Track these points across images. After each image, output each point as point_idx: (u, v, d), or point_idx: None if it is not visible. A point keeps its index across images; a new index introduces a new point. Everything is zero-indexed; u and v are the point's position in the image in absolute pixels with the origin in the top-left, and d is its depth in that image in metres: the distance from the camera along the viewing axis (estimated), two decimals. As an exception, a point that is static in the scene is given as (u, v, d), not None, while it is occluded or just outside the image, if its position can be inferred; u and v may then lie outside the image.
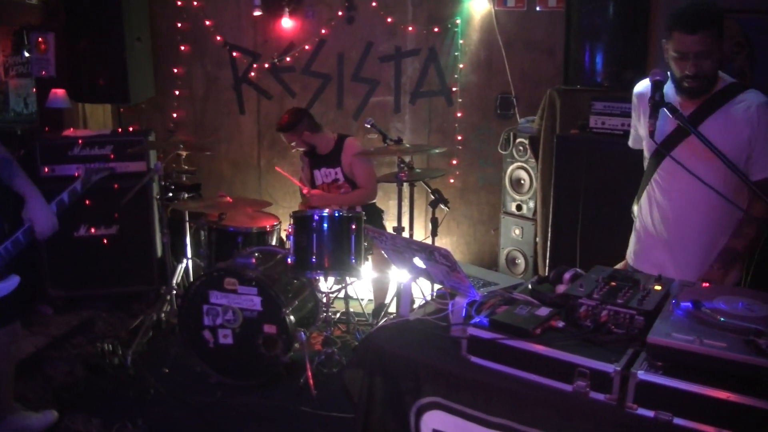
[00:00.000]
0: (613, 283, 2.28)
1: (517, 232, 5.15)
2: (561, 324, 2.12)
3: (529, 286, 2.48)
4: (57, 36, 5.54)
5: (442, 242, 5.72)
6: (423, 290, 3.71)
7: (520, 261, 5.14)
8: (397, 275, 4.48)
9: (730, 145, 2.59)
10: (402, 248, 2.38)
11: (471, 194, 5.86)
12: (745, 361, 1.71)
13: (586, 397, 1.88)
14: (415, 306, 2.55)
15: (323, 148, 5.07)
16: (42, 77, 5.56)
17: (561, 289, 2.42)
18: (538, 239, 4.89)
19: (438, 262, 2.22)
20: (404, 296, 2.46)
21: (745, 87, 2.73)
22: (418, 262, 2.33)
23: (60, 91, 5.49)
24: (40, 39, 5.53)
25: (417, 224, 4.71)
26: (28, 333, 4.36)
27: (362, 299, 5.11)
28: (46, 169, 4.99)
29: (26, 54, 5.56)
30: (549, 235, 4.47)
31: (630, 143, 3.20)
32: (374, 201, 5.09)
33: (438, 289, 2.47)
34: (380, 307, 4.81)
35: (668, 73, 2.72)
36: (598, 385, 1.86)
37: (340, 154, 5.05)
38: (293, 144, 5.08)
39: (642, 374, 1.79)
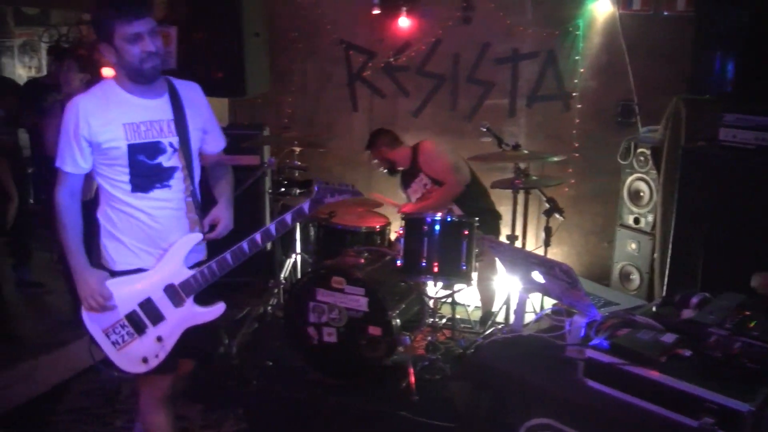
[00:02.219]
0: (747, 312, 2.13)
1: (633, 246, 4.93)
2: (687, 353, 1.99)
3: (653, 309, 2.36)
4: (179, 29, 5.69)
5: (553, 252, 5.53)
6: (536, 304, 3.60)
7: (635, 277, 4.92)
8: (507, 285, 4.39)
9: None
10: (520, 260, 2.29)
11: (584, 204, 5.67)
12: None
13: (713, 435, 1.75)
14: (528, 321, 2.46)
15: (403, 163, 5.08)
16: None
17: (687, 314, 2.28)
18: (655, 255, 4.66)
19: (557, 277, 2.13)
20: (518, 310, 2.37)
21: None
22: (537, 276, 2.24)
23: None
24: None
25: (529, 232, 4.58)
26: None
27: (468, 305, 5.01)
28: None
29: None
30: (669, 253, 4.25)
31: None
32: (492, 205, 4.99)
33: (554, 305, 2.36)
34: (487, 315, 4.71)
35: None
36: (728, 424, 1.74)
37: (417, 161, 5.00)
38: (375, 162, 5.16)
39: (781, 417, 1.66)
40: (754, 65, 4.13)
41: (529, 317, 2.61)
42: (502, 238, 4.61)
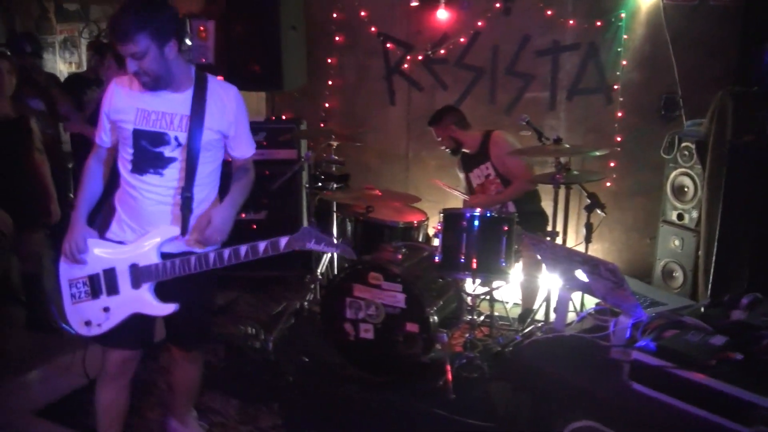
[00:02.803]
0: (802, 315, 2.05)
1: (677, 243, 4.81)
2: (738, 356, 1.92)
3: (702, 309, 2.28)
4: (216, 23, 5.70)
5: (593, 248, 5.43)
6: (578, 304, 3.51)
7: (678, 274, 4.80)
8: (548, 283, 4.31)
9: None
10: (562, 258, 2.23)
11: (626, 199, 5.55)
12: None
13: (766, 442, 1.68)
14: (571, 320, 2.39)
15: (470, 146, 5.00)
16: (201, 64, 5.73)
17: (737, 315, 2.20)
18: (700, 253, 4.54)
19: (602, 276, 2.07)
20: (560, 309, 2.31)
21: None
22: (581, 275, 2.18)
23: (218, 78, 5.64)
24: (201, 27, 5.71)
25: (570, 229, 4.49)
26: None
27: (507, 302, 4.93)
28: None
29: (188, 42, 5.76)
30: (715, 250, 4.14)
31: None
32: (540, 205, 4.94)
33: (597, 304, 2.30)
34: (527, 313, 4.63)
35: None
36: (782, 431, 1.66)
37: (487, 148, 4.94)
38: (440, 140, 5.07)
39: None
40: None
41: (570, 317, 2.54)
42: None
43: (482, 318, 4.54)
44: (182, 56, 2.73)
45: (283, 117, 5.89)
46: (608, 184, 5.50)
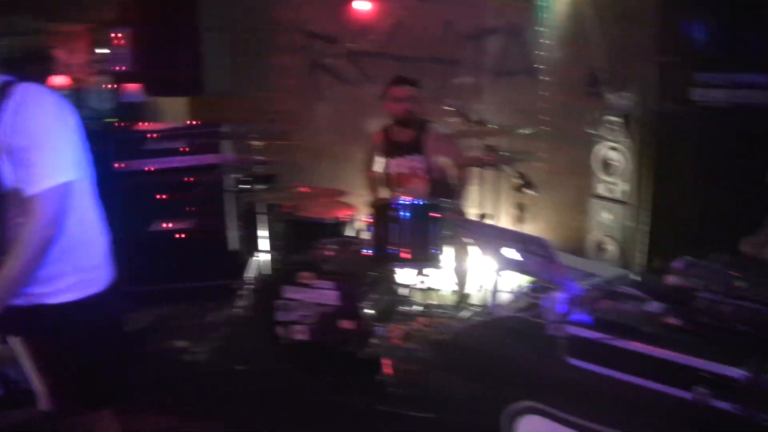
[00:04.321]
0: (736, 273, 1.99)
1: (608, 216, 4.82)
2: (675, 321, 1.85)
3: (636, 277, 2.22)
4: (132, 30, 5.50)
5: (527, 228, 5.40)
6: (513, 283, 3.43)
7: (611, 247, 4.80)
8: (482, 265, 4.24)
9: None
10: (493, 238, 2.14)
11: (557, 177, 5.54)
12: None
13: (708, 406, 1.62)
14: (506, 300, 2.30)
15: (404, 134, 4.82)
16: (118, 72, 5.53)
17: (672, 280, 2.14)
18: (632, 224, 4.54)
19: (533, 253, 1.99)
20: (494, 291, 2.22)
21: None
22: (512, 253, 2.09)
23: (135, 86, 5.45)
24: (116, 34, 5.51)
25: (502, 211, 4.43)
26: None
27: (444, 290, 4.85)
28: (120, 164, 4.96)
29: (102, 50, 5.55)
30: (649, 220, 4.14)
31: None
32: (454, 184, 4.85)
33: (532, 282, 2.21)
34: (463, 298, 4.57)
35: None
36: (723, 393, 1.61)
37: (422, 141, 4.74)
38: (397, 103, 4.76)
39: (779, 381, 1.53)
40: (724, 25, 4.04)
41: (508, 297, 2.46)
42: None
43: (420, 308, 4.45)
44: None
45: (204, 121, 5.71)
46: (537, 163, 5.48)
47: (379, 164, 4.93)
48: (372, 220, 3.93)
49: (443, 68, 5.69)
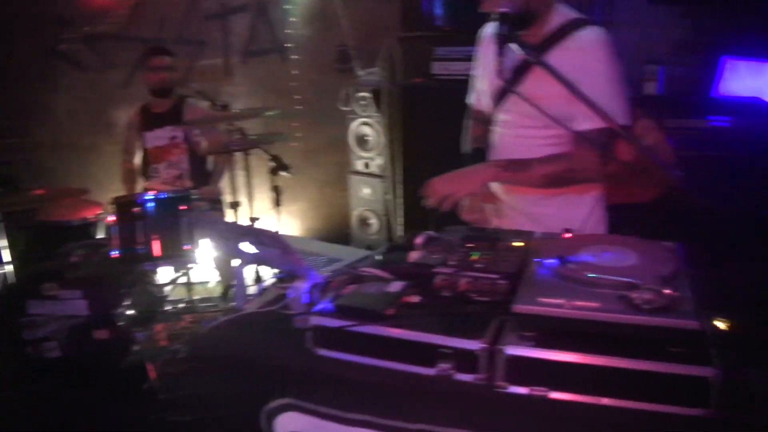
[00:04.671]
0: (471, 245, 2.05)
1: (367, 191, 4.89)
2: (417, 299, 1.86)
3: (380, 257, 2.22)
4: None
5: (290, 209, 5.39)
6: (261, 275, 3.35)
7: (373, 221, 4.90)
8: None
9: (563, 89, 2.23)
10: (227, 233, 2.03)
11: (316, 155, 5.55)
12: (620, 320, 1.52)
13: (452, 380, 1.63)
14: (253, 295, 2.20)
15: (162, 105, 4.58)
16: None
17: (414, 256, 2.16)
18: (389, 197, 4.65)
19: (268, 245, 1.90)
20: (238, 286, 2.11)
21: (588, 23, 2.44)
22: (248, 247, 1.99)
23: None
24: None
25: (260, 196, 4.33)
26: None
27: (207, 282, 4.65)
28: None
29: None
30: (403, 192, 4.24)
31: (472, 101, 2.91)
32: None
33: (275, 274, 2.13)
34: (228, 288, 4.42)
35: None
36: (464, 366, 1.63)
37: (180, 114, 4.63)
38: (159, 73, 4.62)
39: (510, 349, 1.57)
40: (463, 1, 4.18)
41: (254, 291, 2.36)
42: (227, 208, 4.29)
43: (183, 305, 4.25)
44: None
45: None
46: (295, 143, 5.45)
47: (138, 155, 4.68)
48: (116, 219, 3.66)
49: (190, 50, 5.46)
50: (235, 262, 2.10)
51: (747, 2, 4.64)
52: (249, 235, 1.95)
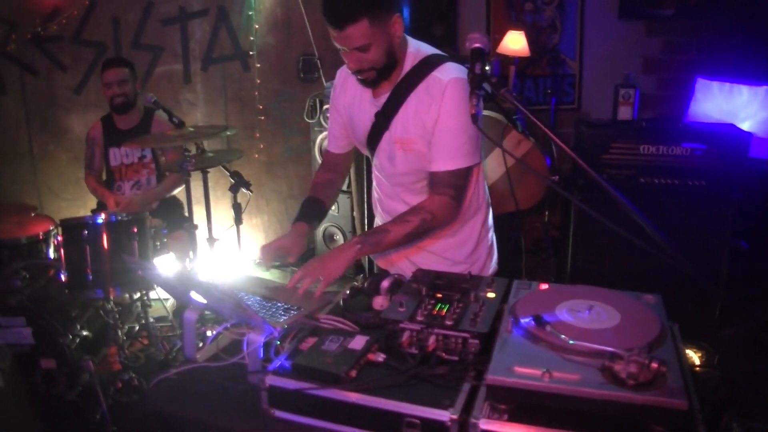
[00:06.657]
0: (439, 294, 1.92)
1: (332, 207, 4.74)
2: (381, 357, 1.72)
3: (342, 302, 2.08)
4: None
5: (252, 223, 5.21)
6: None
7: (338, 237, 4.75)
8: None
9: (418, 131, 2.33)
10: (175, 281, 1.87)
11: (278, 168, 5.36)
12: (602, 396, 1.39)
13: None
14: (204, 346, 2.03)
15: (127, 121, 4.35)
16: None
17: (379, 303, 2.03)
18: (355, 214, 4.50)
19: (219, 297, 1.74)
20: (187, 337, 1.94)
21: (443, 58, 2.37)
22: (197, 296, 1.83)
23: None
24: None
25: (221, 212, 4.15)
26: None
27: (165, 299, 4.43)
28: None
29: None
30: (367, 209, 4.10)
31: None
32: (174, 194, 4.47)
33: (228, 321, 1.97)
34: (182, 308, 4.22)
35: None
36: (432, 436, 1.50)
37: (149, 129, 4.39)
38: (115, 88, 4.33)
39: (484, 423, 1.44)
40: (428, 10, 4.08)
41: (205, 341, 2.18)
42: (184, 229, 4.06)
43: (137, 327, 4.04)
44: None
45: None
46: (256, 155, 5.27)
47: (99, 170, 4.46)
48: (63, 242, 3.44)
49: (147, 56, 5.25)
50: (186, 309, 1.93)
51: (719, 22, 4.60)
52: (198, 287, 1.79)
